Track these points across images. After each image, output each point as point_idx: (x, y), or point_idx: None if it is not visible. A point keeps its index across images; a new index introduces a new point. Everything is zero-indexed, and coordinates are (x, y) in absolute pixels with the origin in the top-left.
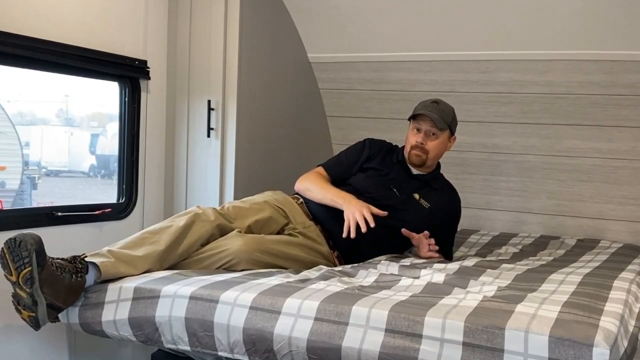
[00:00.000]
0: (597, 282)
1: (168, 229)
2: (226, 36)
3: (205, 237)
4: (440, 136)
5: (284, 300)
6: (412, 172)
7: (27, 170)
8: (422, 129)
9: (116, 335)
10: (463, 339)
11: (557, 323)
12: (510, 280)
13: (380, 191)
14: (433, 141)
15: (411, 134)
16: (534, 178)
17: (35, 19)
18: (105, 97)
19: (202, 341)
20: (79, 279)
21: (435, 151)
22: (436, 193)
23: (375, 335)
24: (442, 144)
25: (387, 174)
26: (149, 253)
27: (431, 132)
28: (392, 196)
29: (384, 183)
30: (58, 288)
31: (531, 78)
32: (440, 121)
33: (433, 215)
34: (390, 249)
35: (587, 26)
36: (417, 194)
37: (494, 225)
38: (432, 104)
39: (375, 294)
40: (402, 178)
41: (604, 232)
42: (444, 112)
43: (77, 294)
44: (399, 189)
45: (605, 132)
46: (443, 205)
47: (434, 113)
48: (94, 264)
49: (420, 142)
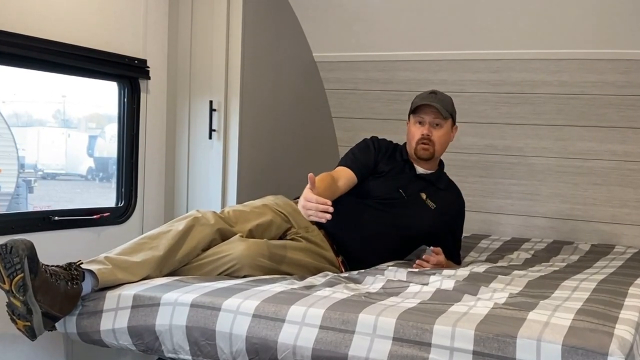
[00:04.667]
0: (612, 289)
1: (167, 233)
2: (229, 35)
3: (205, 241)
4: (444, 126)
5: (288, 307)
6: (417, 171)
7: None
8: (426, 121)
9: (115, 344)
10: (473, 348)
11: (571, 331)
12: (522, 287)
13: (386, 193)
14: (438, 131)
15: (414, 128)
16: (547, 181)
17: (31, 17)
18: (104, 98)
19: (203, 350)
20: (75, 286)
21: (441, 142)
22: (442, 193)
23: (383, 344)
24: (447, 134)
25: (394, 176)
26: (148, 259)
27: (435, 122)
28: (398, 197)
29: (391, 185)
30: (53, 296)
31: (543, 78)
32: (444, 110)
33: (439, 216)
34: (397, 253)
35: (602, 24)
36: (423, 193)
37: (505, 230)
38: (431, 95)
39: (383, 301)
40: (408, 178)
41: (619, 237)
42: (444, 101)
43: (73, 302)
44: (405, 189)
45: (620, 133)
46: (449, 205)
47: (436, 102)
48: (90, 272)
49: (426, 134)
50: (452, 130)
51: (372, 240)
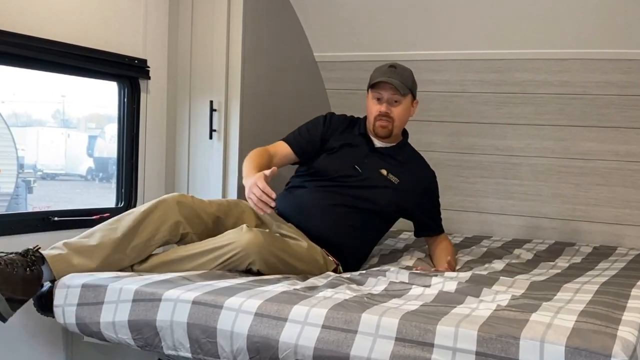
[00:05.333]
0: (615, 291)
1: (128, 215)
2: (229, 34)
3: (169, 223)
4: (403, 102)
5: (291, 307)
6: (375, 145)
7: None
8: (384, 97)
9: (114, 338)
10: (476, 349)
11: (574, 333)
12: (524, 289)
13: (341, 171)
14: (397, 108)
15: (372, 104)
16: (549, 182)
17: (30, 17)
18: (104, 98)
19: (204, 348)
20: (34, 271)
21: (400, 118)
22: (405, 166)
23: (385, 344)
24: (406, 110)
25: (349, 152)
26: (104, 241)
27: (393, 99)
28: (355, 174)
29: (346, 162)
30: (13, 282)
31: (546, 78)
32: (402, 86)
33: (405, 190)
34: (369, 231)
35: (604, 24)
36: (384, 169)
37: (507, 230)
38: (390, 69)
39: (385, 302)
40: (364, 153)
41: (622, 237)
42: (404, 75)
43: (36, 284)
44: (361, 165)
45: (622, 134)
46: (414, 178)
47: (394, 78)
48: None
49: (384, 112)
50: (412, 105)
51: (336, 223)
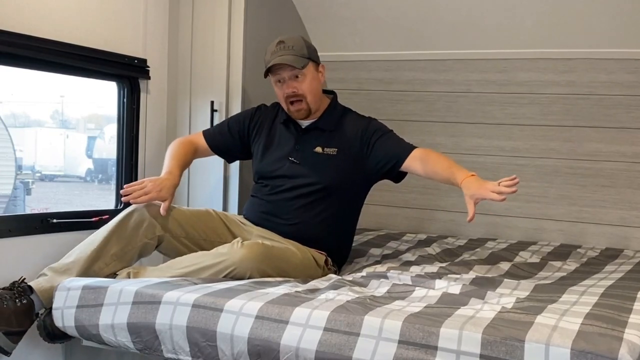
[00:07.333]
0: (621, 294)
1: (104, 227)
2: (230, 34)
3: (144, 226)
4: (306, 73)
5: (293, 309)
6: (302, 125)
7: (21, 174)
8: (284, 78)
9: (113, 341)
10: (480, 352)
11: (580, 335)
12: (529, 291)
13: (278, 167)
14: (302, 83)
15: (277, 89)
16: (554, 183)
17: (29, 16)
18: (103, 98)
19: (204, 351)
20: (24, 301)
21: (311, 91)
22: (337, 132)
23: (388, 346)
24: (313, 80)
25: (278, 145)
26: (81, 256)
27: (294, 75)
28: (290, 167)
29: (279, 158)
30: (6, 316)
31: (551, 78)
32: (297, 59)
33: (346, 154)
34: (334, 218)
35: (610, 23)
36: (318, 147)
37: (513, 232)
38: (278, 46)
39: (388, 304)
40: (294, 139)
41: (628, 239)
42: (295, 47)
43: (29, 314)
44: (295, 154)
45: (629, 134)
46: (350, 138)
47: (286, 54)
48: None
49: (290, 92)
50: (318, 71)
51: (301, 219)
